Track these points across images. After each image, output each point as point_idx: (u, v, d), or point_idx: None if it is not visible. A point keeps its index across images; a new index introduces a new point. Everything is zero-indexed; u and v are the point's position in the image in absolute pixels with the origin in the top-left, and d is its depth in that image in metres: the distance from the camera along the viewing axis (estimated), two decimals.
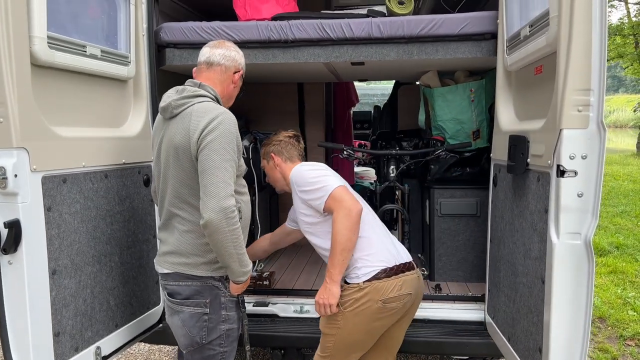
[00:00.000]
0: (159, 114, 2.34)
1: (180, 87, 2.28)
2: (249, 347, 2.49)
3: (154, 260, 2.41)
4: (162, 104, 2.25)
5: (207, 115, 2.11)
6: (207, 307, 2.25)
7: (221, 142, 2.08)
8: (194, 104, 2.18)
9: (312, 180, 2.40)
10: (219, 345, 2.31)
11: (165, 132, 2.25)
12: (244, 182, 2.41)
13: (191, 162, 2.13)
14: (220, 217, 2.02)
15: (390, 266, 2.37)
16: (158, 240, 2.35)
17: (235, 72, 2.36)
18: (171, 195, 2.24)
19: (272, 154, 2.65)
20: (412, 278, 2.42)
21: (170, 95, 2.25)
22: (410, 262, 2.46)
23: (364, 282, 2.33)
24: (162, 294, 2.50)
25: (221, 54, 2.32)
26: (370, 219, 2.49)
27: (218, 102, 2.29)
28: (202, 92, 2.23)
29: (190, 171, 2.16)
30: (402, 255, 2.48)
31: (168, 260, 2.29)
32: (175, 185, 2.22)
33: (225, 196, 2.04)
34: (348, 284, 2.39)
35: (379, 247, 2.41)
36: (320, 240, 2.48)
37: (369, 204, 5.99)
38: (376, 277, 2.33)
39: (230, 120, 2.15)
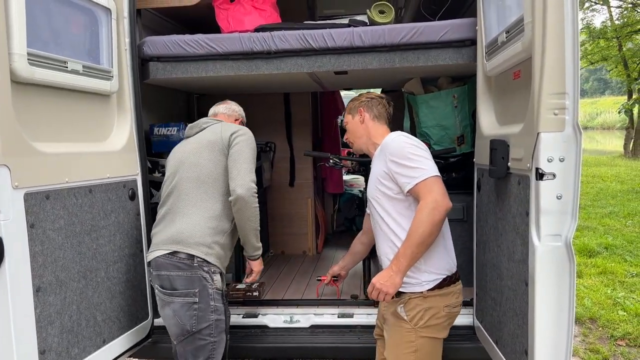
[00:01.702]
0: (177, 146, 2.76)
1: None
2: (228, 337, 2.62)
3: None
4: (190, 124, 2.77)
5: (235, 127, 2.63)
6: (196, 297, 2.43)
7: (248, 144, 2.58)
8: (219, 122, 2.71)
9: (411, 156, 2.20)
10: (209, 335, 2.45)
11: (187, 144, 2.68)
12: None
13: (222, 152, 2.56)
14: (248, 194, 2.46)
15: (450, 275, 2.30)
16: (153, 236, 2.61)
17: (235, 120, 2.87)
18: (188, 182, 2.55)
19: (361, 109, 2.50)
20: (461, 287, 2.37)
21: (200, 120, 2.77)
22: (457, 270, 2.39)
23: (427, 290, 2.24)
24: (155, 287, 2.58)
25: (223, 107, 2.88)
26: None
27: None
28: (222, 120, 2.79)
29: (219, 159, 2.55)
30: (456, 261, 2.39)
31: (166, 245, 2.48)
32: (197, 173, 2.55)
33: (251, 179, 2.50)
34: (405, 293, 2.26)
35: (446, 253, 2.32)
36: (388, 217, 2.29)
37: (358, 212, 5.99)
38: (438, 286, 2.25)
39: (252, 135, 2.65)
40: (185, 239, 2.46)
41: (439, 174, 2.22)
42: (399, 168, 2.21)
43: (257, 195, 2.50)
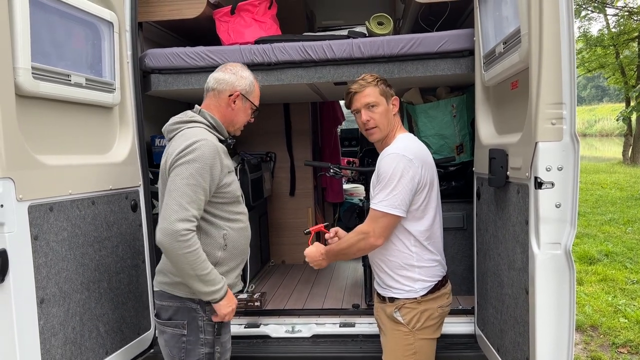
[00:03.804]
0: None
1: (184, 112, 2.31)
2: None
3: None
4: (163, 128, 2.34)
5: (187, 141, 2.11)
6: (184, 329, 2.24)
7: (189, 168, 2.07)
8: (184, 129, 2.21)
9: (388, 182, 2.17)
10: None
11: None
12: (238, 209, 2.34)
13: (165, 183, 2.17)
14: (168, 240, 2.02)
15: (441, 279, 2.36)
16: None
17: (229, 95, 2.28)
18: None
19: (396, 98, 2.36)
20: (450, 287, 2.44)
21: (171, 119, 2.29)
22: (447, 272, 2.45)
23: (421, 296, 2.29)
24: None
25: (215, 78, 2.30)
26: (438, 228, 2.37)
27: (214, 128, 2.27)
28: (198, 117, 2.25)
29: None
30: (445, 264, 2.44)
31: (157, 279, 2.34)
32: (161, 206, 2.28)
33: (176, 220, 2.02)
34: (399, 299, 2.31)
35: (439, 261, 2.36)
36: None
37: (359, 221, 6.01)
38: (431, 291, 2.31)
39: (207, 148, 2.10)
40: (166, 280, 2.26)
41: (396, 212, 2.18)
42: (377, 183, 2.26)
43: (185, 238, 2.02)
